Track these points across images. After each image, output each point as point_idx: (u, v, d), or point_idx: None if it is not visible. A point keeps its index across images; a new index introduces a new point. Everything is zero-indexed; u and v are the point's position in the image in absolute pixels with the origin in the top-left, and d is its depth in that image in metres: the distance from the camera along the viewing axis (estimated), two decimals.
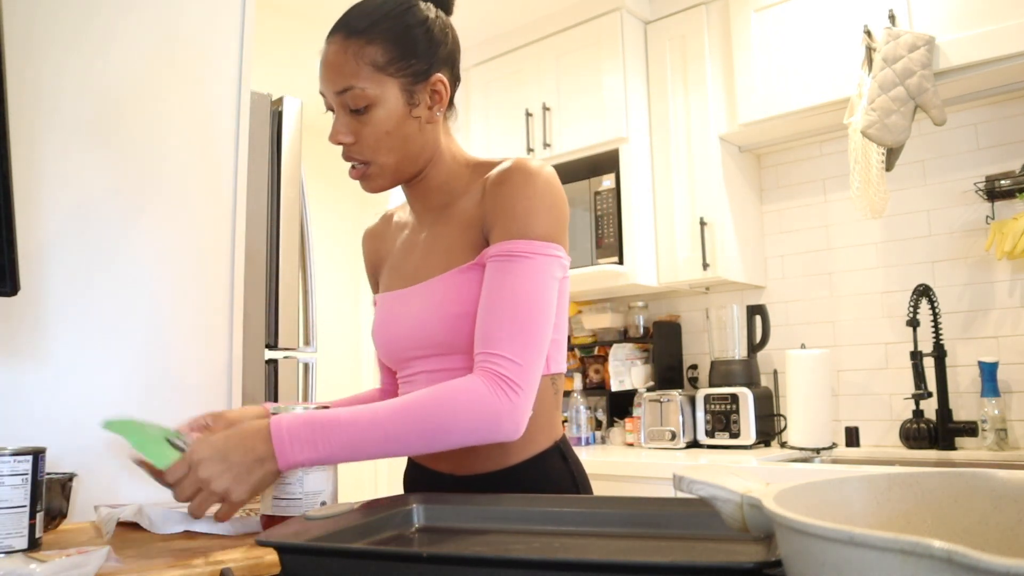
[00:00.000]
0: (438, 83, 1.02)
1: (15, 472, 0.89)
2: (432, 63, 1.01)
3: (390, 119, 0.99)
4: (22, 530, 0.89)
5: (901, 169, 2.36)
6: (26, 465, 0.90)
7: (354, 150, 1.01)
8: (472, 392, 0.88)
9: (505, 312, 0.91)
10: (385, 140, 0.99)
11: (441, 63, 1.03)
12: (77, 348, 1.32)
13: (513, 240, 0.94)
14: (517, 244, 0.93)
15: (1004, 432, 2.11)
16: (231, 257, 1.54)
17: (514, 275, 0.92)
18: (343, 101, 0.99)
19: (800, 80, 2.35)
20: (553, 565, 0.57)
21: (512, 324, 0.90)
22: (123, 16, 1.43)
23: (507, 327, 0.90)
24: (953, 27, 2.07)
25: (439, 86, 1.02)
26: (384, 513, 0.83)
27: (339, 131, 1.00)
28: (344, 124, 1.00)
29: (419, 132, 1.02)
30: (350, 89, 0.98)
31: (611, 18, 2.69)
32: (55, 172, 1.32)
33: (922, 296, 2.17)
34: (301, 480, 0.91)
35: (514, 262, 0.93)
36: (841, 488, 0.52)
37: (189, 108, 1.51)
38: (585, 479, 1.08)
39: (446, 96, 1.04)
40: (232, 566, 0.78)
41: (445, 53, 1.04)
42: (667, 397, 2.51)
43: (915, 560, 0.33)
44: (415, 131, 1.01)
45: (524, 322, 0.90)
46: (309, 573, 0.66)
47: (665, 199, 2.64)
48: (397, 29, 0.99)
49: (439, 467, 1.07)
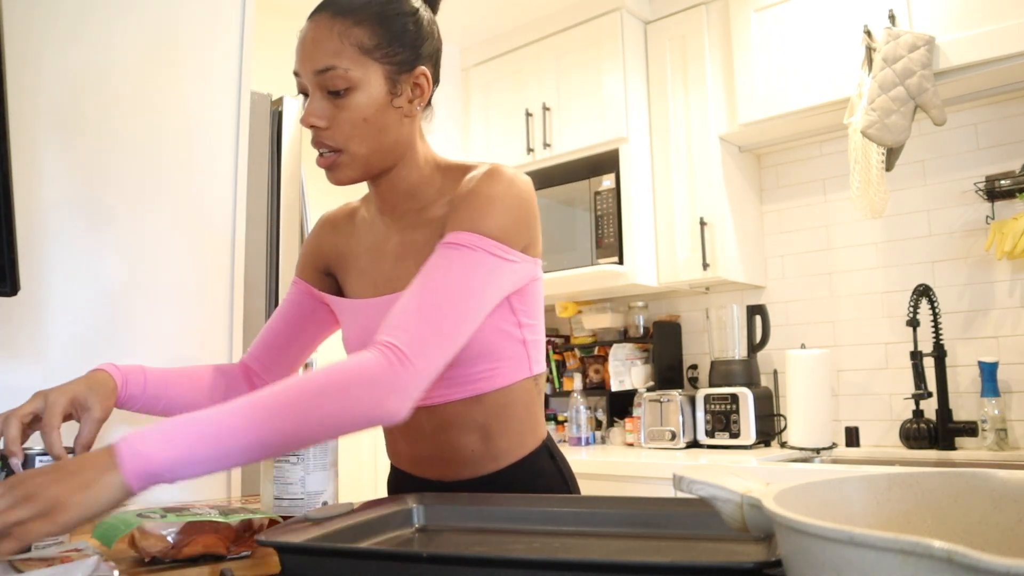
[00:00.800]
0: (421, 76, 0.98)
1: None
2: (418, 55, 0.98)
3: (369, 106, 0.94)
4: None
5: (901, 169, 2.35)
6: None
7: (326, 135, 0.95)
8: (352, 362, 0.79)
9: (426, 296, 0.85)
10: (361, 127, 0.94)
11: (426, 58, 1.00)
12: (77, 348, 1.32)
13: (462, 232, 0.90)
14: (463, 236, 0.89)
15: (1004, 432, 2.11)
16: (231, 257, 1.54)
17: (449, 261, 0.87)
18: (321, 82, 0.93)
19: (800, 80, 2.35)
20: (553, 565, 0.57)
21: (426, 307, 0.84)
22: (123, 16, 1.43)
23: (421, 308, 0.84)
24: (953, 27, 2.07)
25: (422, 79, 0.99)
26: (384, 513, 0.83)
27: (313, 113, 0.94)
28: (319, 107, 0.94)
29: (396, 124, 0.97)
30: (331, 69, 0.93)
31: (611, 18, 2.69)
32: (55, 172, 1.32)
33: (922, 296, 2.17)
34: (302, 480, 0.91)
35: (454, 250, 0.88)
36: (841, 488, 0.52)
37: (189, 108, 1.51)
38: (573, 476, 1.08)
39: (428, 91, 1.00)
40: (232, 566, 0.78)
41: (431, 49, 1.01)
42: (667, 397, 2.51)
43: (915, 560, 0.33)
44: (393, 122, 0.97)
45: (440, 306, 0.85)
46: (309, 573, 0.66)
47: (665, 199, 2.64)
48: (387, 14, 0.96)
49: (425, 474, 1.05)
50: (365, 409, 0.77)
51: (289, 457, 0.95)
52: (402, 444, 1.06)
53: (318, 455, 0.96)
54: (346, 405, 0.76)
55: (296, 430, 0.74)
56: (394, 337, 0.81)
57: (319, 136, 0.95)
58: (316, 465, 0.95)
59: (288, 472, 0.93)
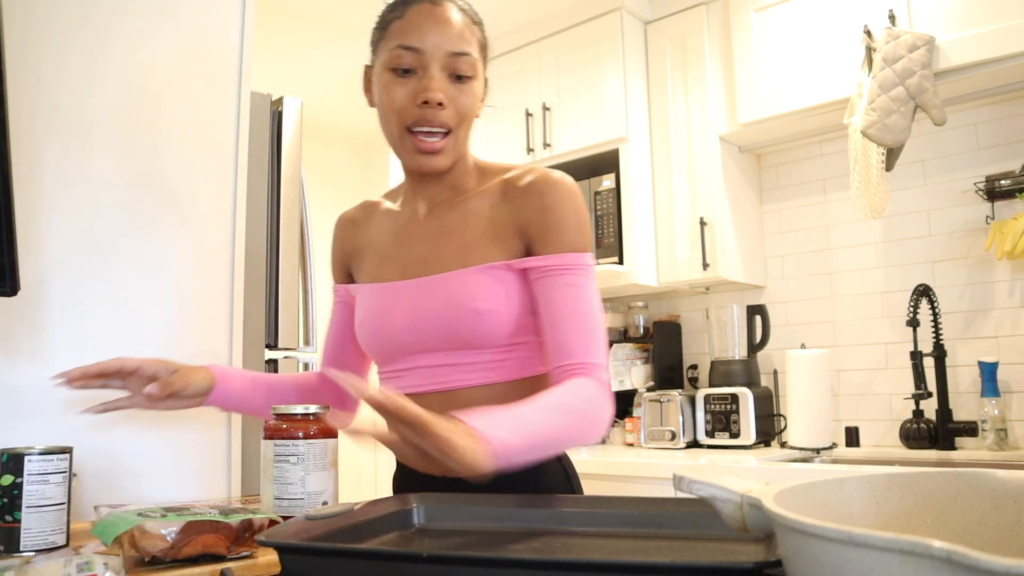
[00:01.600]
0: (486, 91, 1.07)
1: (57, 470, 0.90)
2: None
3: (477, 96, 1.02)
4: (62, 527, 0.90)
5: (901, 169, 2.36)
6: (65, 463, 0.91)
7: (445, 114, 0.98)
8: (598, 397, 0.93)
9: (587, 325, 0.96)
10: (469, 114, 1.01)
11: None
12: (77, 348, 1.32)
13: (570, 253, 0.98)
14: (575, 257, 0.98)
15: (1004, 432, 2.11)
16: (231, 257, 1.54)
17: (577, 287, 0.98)
18: (453, 64, 0.98)
19: (800, 80, 2.35)
20: (553, 565, 0.57)
21: (594, 336, 0.97)
22: (123, 15, 1.43)
23: (592, 339, 0.96)
24: (953, 27, 2.07)
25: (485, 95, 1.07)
26: (384, 513, 0.83)
27: (441, 89, 0.97)
28: (444, 86, 0.98)
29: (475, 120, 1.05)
30: (466, 55, 0.98)
31: (611, 18, 2.69)
32: (55, 172, 1.32)
33: (922, 296, 2.17)
34: (303, 480, 0.91)
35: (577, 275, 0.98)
36: (841, 488, 0.52)
37: (189, 108, 1.51)
38: (577, 476, 1.09)
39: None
40: (232, 566, 0.78)
41: None
42: (667, 397, 2.51)
43: (915, 560, 0.33)
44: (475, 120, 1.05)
45: (598, 331, 0.97)
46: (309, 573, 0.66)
47: (665, 199, 2.64)
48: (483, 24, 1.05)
49: (430, 469, 1.05)
50: (594, 433, 0.92)
51: (289, 457, 0.95)
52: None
53: (318, 455, 0.96)
54: (586, 430, 0.91)
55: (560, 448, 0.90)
56: (595, 371, 0.95)
57: (437, 114, 0.98)
58: (316, 465, 0.95)
59: (288, 472, 0.93)
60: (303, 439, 0.94)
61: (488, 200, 1.04)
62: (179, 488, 1.41)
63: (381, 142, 1.16)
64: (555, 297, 0.97)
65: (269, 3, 2.96)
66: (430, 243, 1.05)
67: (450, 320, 0.99)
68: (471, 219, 1.03)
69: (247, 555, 0.82)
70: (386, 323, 1.05)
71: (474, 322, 0.98)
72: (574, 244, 0.99)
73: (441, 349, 1.01)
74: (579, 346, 0.95)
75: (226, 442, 1.49)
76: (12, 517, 0.87)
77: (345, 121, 4.14)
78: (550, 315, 0.97)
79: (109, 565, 0.72)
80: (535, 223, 1.00)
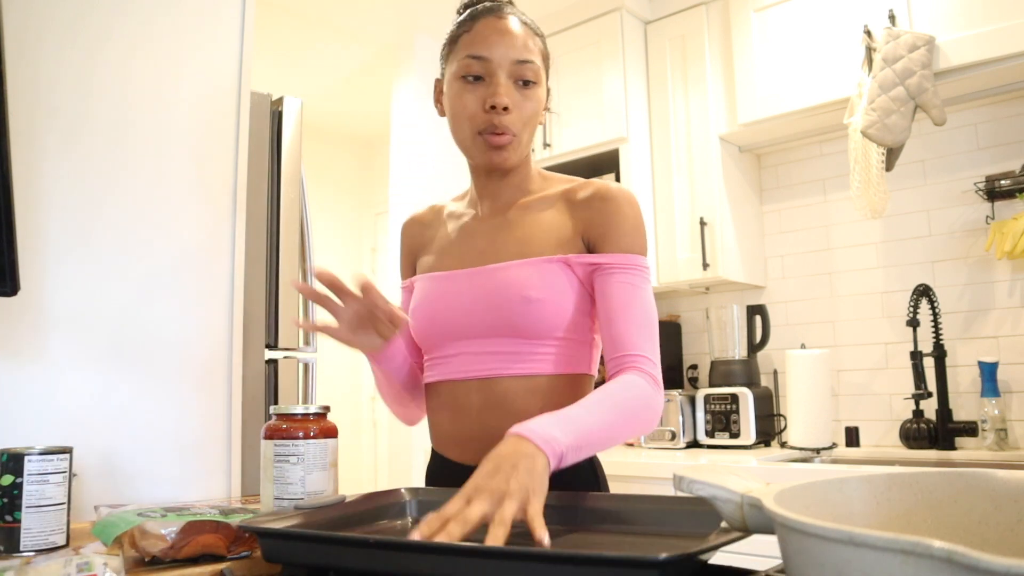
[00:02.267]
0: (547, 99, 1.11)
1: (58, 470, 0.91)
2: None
3: (541, 102, 1.08)
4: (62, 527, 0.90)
5: (901, 169, 2.36)
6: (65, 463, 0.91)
7: (510, 120, 1.04)
8: (646, 390, 0.97)
9: (640, 319, 1.00)
10: (533, 119, 1.07)
11: None
12: (77, 348, 1.32)
13: (627, 254, 1.03)
14: (632, 258, 1.03)
15: (1004, 432, 2.11)
16: (231, 257, 1.54)
17: (635, 287, 1.02)
18: (518, 71, 1.04)
19: (800, 80, 2.35)
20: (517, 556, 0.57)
21: (647, 330, 1.01)
22: (122, 15, 1.43)
23: (644, 333, 1.00)
24: (953, 27, 2.07)
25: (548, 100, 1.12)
26: (376, 504, 0.83)
27: (507, 94, 1.03)
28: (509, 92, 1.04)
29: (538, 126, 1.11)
30: (531, 62, 1.05)
31: (611, 18, 2.69)
32: (55, 172, 1.32)
33: (922, 296, 2.17)
34: (302, 480, 0.91)
35: (635, 275, 1.03)
36: (841, 488, 0.52)
37: (189, 108, 1.51)
38: (604, 475, 1.11)
39: None
40: (232, 566, 0.79)
41: None
42: (667, 397, 2.51)
43: (915, 560, 0.33)
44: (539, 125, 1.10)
45: (651, 327, 1.01)
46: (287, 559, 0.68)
47: (665, 199, 2.64)
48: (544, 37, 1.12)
49: (465, 458, 1.06)
50: (643, 429, 0.97)
51: (289, 457, 0.95)
52: (447, 424, 1.09)
53: (318, 455, 0.96)
54: (635, 427, 0.95)
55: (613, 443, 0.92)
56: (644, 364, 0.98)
57: (502, 119, 1.04)
58: (316, 465, 0.95)
59: (288, 472, 0.93)
60: (303, 439, 0.94)
61: (550, 204, 1.09)
62: (179, 488, 1.41)
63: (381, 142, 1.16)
64: (612, 292, 1.01)
65: (269, 3, 2.97)
66: (490, 237, 1.10)
67: (499, 305, 1.02)
68: (532, 218, 1.08)
69: (247, 555, 0.82)
70: (437, 308, 1.08)
71: (523, 309, 1.01)
72: (632, 246, 1.04)
73: (488, 336, 1.04)
74: (632, 339, 0.99)
75: (226, 442, 1.49)
76: (12, 517, 0.87)
77: (345, 121, 4.15)
78: (606, 309, 1.01)
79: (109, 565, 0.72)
80: (596, 225, 1.05)
